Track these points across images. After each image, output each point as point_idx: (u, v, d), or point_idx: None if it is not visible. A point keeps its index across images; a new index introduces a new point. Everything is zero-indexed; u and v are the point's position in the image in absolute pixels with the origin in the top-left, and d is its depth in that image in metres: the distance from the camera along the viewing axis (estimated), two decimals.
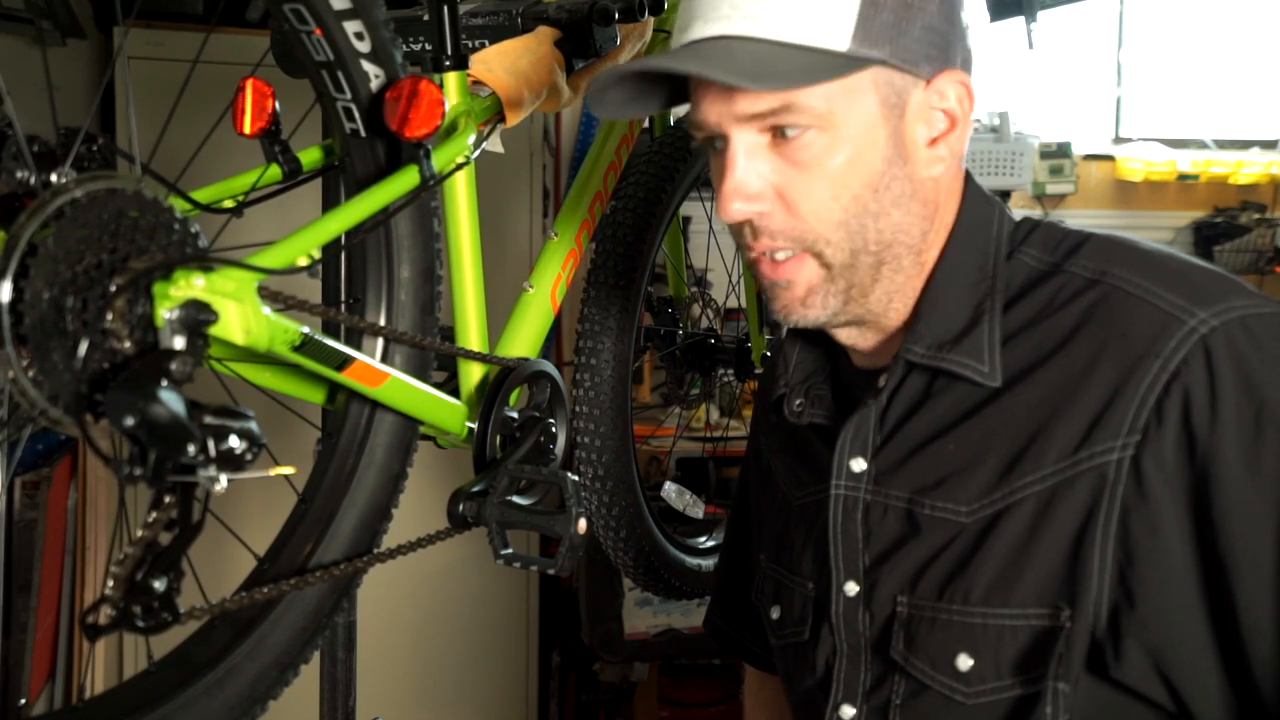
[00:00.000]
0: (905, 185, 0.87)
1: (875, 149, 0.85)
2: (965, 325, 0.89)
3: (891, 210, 0.87)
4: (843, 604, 0.93)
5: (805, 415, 0.99)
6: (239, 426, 0.69)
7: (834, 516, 0.93)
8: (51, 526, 2.24)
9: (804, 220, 0.86)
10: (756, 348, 1.71)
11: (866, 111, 0.84)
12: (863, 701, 0.92)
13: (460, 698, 2.65)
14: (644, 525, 1.40)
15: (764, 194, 0.86)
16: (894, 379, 0.91)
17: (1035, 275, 0.90)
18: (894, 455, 0.91)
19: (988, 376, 0.87)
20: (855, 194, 0.85)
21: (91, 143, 0.80)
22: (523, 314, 1.24)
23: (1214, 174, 3.32)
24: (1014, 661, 0.84)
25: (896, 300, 0.91)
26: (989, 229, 0.92)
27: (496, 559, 0.99)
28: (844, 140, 0.84)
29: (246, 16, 2.43)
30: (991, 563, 0.85)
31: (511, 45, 1.17)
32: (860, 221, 0.86)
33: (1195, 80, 3.42)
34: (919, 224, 0.89)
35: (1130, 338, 0.82)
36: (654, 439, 2.62)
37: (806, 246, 0.87)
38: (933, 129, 0.87)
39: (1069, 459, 0.83)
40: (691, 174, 1.43)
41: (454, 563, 2.54)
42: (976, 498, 0.86)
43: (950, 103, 0.87)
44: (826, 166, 0.84)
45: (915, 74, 0.85)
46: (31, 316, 0.67)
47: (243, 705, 0.91)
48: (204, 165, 1.02)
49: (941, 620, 0.87)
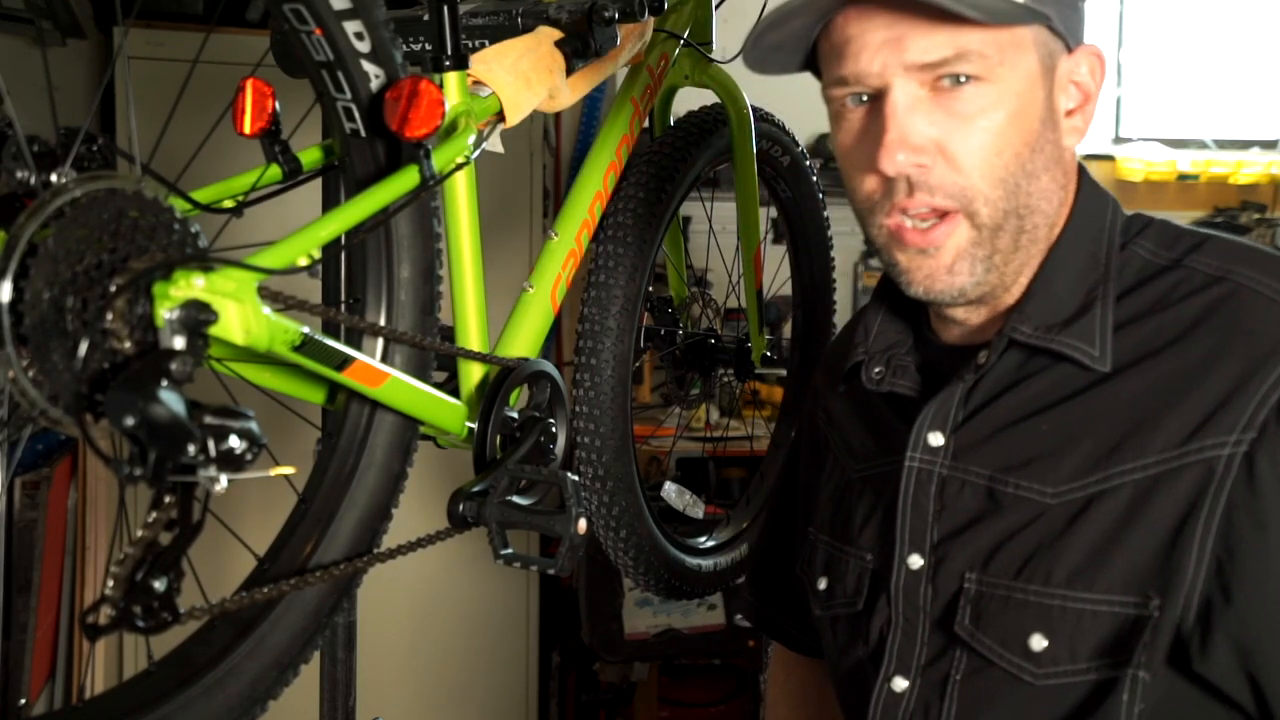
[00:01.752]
0: (1053, 150, 0.89)
1: (1034, 107, 0.87)
2: (1076, 310, 0.89)
3: (1042, 173, 0.88)
4: (904, 576, 0.93)
5: (885, 383, 0.98)
6: (239, 426, 0.69)
7: (905, 489, 0.93)
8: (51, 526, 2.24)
9: (966, 175, 0.86)
10: (756, 348, 1.71)
11: (1028, 69, 0.86)
12: (917, 675, 0.92)
13: (460, 698, 2.65)
14: (644, 525, 1.40)
15: (926, 146, 0.85)
16: (994, 356, 0.90)
17: (1151, 269, 0.90)
18: (977, 432, 0.91)
19: (1097, 360, 0.87)
20: (1016, 150, 0.86)
21: (91, 143, 0.80)
22: (523, 314, 1.24)
23: (1214, 174, 3.32)
24: (1094, 647, 0.84)
25: (1024, 275, 0.91)
26: (1102, 217, 0.93)
27: (496, 559, 0.99)
28: (1008, 94, 0.85)
29: (246, 16, 2.43)
30: (1078, 546, 0.85)
31: (511, 45, 1.17)
32: (1017, 181, 0.87)
33: (1195, 80, 3.42)
34: (1058, 193, 0.90)
35: (1257, 336, 0.82)
36: (654, 439, 2.62)
37: (965, 202, 0.86)
38: (1070, 99, 0.89)
39: (1176, 450, 0.82)
40: (692, 174, 1.43)
41: (454, 563, 2.54)
42: (1067, 480, 0.86)
43: (1083, 76, 0.89)
44: (991, 119, 0.85)
45: (1066, 41, 0.87)
46: (31, 316, 0.67)
47: (243, 705, 0.91)
48: (204, 165, 1.02)
49: (1016, 599, 0.86)
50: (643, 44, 1.36)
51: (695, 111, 1.52)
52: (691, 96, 1.56)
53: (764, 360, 1.72)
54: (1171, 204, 3.37)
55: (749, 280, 1.73)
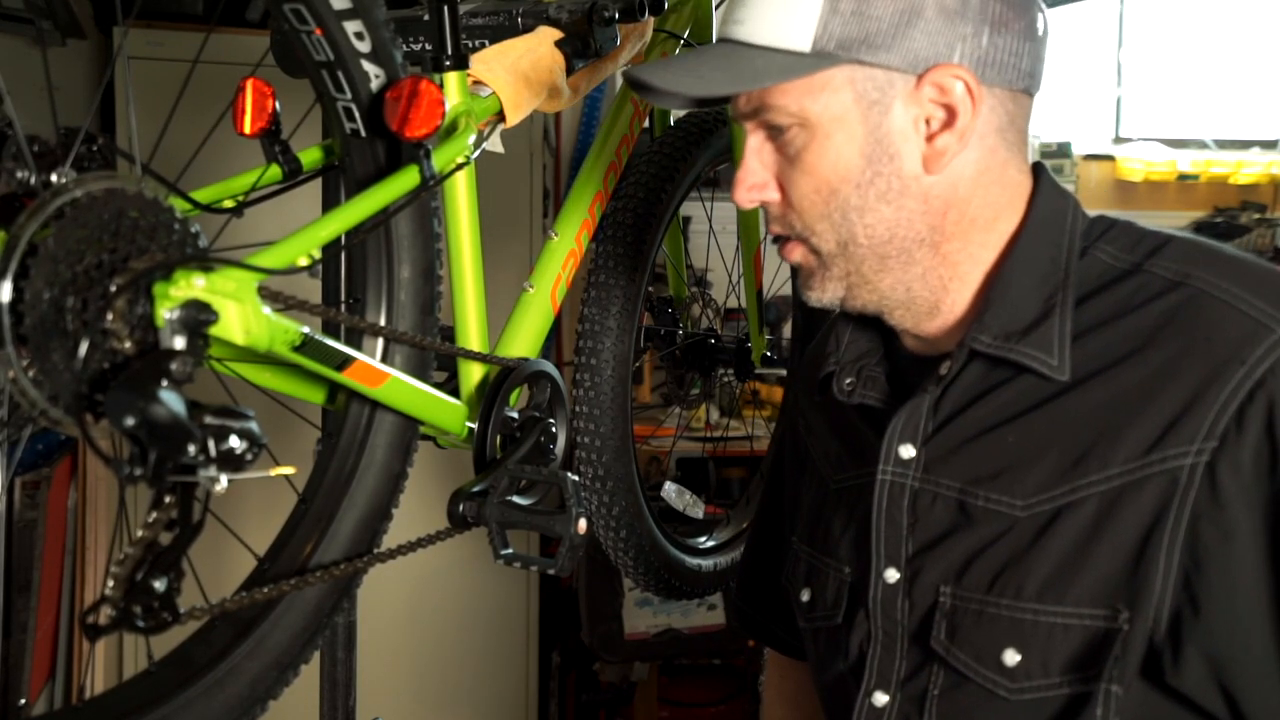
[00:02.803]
0: (893, 181, 0.88)
1: (852, 145, 0.87)
2: (1035, 317, 0.88)
3: (879, 206, 0.88)
4: (881, 590, 0.92)
5: (856, 395, 0.99)
6: (239, 426, 0.69)
7: (879, 502, 0.93)
8: (51, 526, 2.24)
9: (795, 209, 0.91)
10: (756, 348, 1.71)
11: (841, 109, 0.86)
12: (897, 689, 0.92)
13: (460, 698, 2.66)
14: (644, 525, 1.40)
15: (768, 184, 0.92)
16: (956, 366, 0.90)
17: (1112, 273, 0.89)
18: (947, 444, 0.90)
19: (1055, 370, 0.86)
20: (834, 189, 0.88)
21: (91, 143, 0.80)
22: (523, 314, 1.24)
23: (1214, 174, 3.32)
24: (1066, 661, 0.83)
25: (918, 288, 0.91)
26: (1062, 222, 0.92)
27: (496, 559, 0.99)
28: (821, 136, 0.87)
29: (246, 16, 2.43)
30: (1047, 559, 0.84)
31: (511, 45, 1.17)
32: (843, 215, 0.89)
33: (1195, 80, 3.42)
34: (922, 219, 0.89)
35: (1215, 343, 0.81)
36: (654, 439, 2.62)
37: (796, 234, 0.92)
38: (929, 125, 0.87)
39: (1139, 460, 0.82)
40: (691, 174, 1.43)
41: (454, 563, 2.54)
42: (1034, 492, 0.85)
43: (951, 97, 0.86)
44: (807, 161, 0.89)
45: (900, 70, 0.85)
46: (32, 316, 0.67)
47: (243, 705, 0.91)
48: (204, 165, 1.02)
49: (989, 614, 0.86)
50: (643, 44, 1.36)
51: (695, 111, 1.52)
52: None
53: (764, 360, 1.72)
54: (1171, 204, 3.37)
55: (749, 280, 1.73)
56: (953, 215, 0.90)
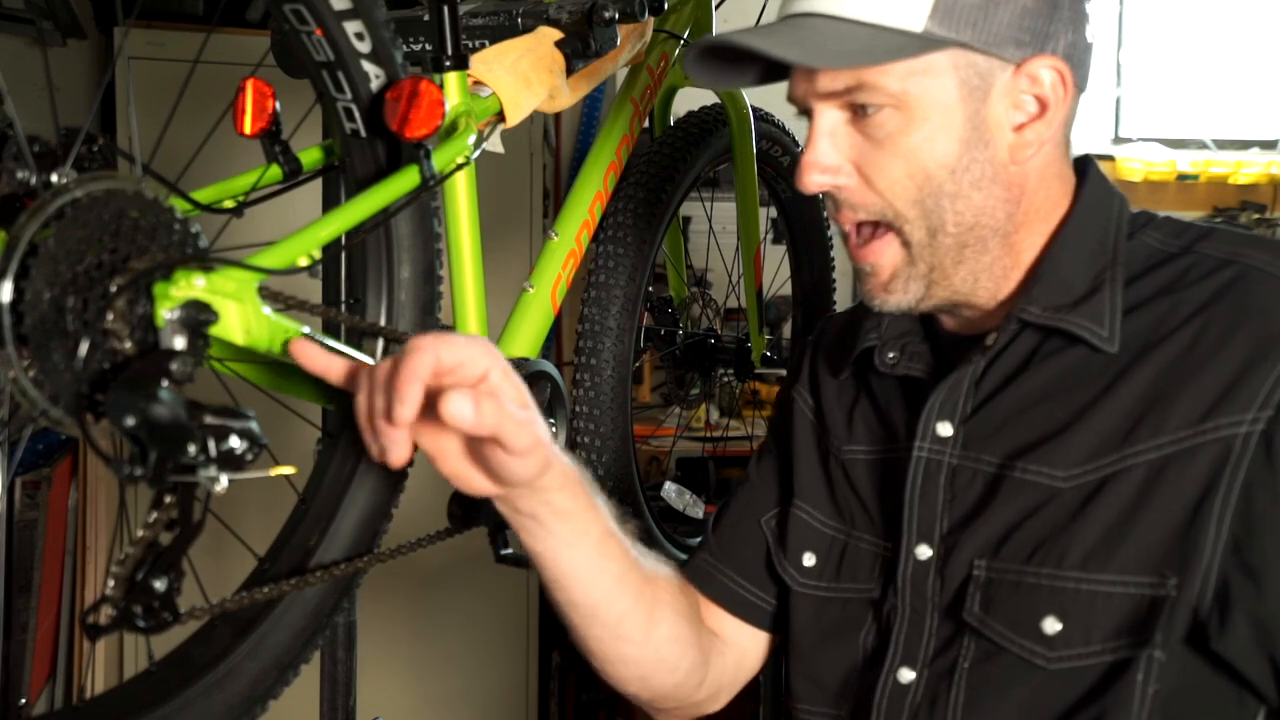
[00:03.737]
0: (986, 168, 0.88)
1: (951, 130, 0.87)
2: (1085, 291, 0.89)
3: (971, 193, 0.88)
4: (912, 567, 0.92)
5: (900, 367, 0.99)
6: (239, 426, 0.69)
7: (913, 479, 0.93)
8: (51, 526, 2.24)
9: (880, 196, 0.89)
10: (756, 348, 1.71)
11: (943, 93, 0.86)
12: (924, 665, 0.91)
13: (460, 698, 2.66)
14: (644, 525, 1.40)
15: (841, 168, 0.89)
16: (1004, 338, 0.91)
17: (1160, 256, 0.91)
18: (988, 420, 0.91)
19: (1106, 341, 0.87)
20: (930, 174, 0.87)
21: (92, 143, 0.80)
22: (523, 314, 1.24)
23: (1214, 174, 3.32)
24: (1109, 628, 0.84)
25: (984, 279, 0.92)
26: (1108, 210, 0.94)
27: (497, 559, 0.99)
28: (919, 120, 0.86)
29: (246, 16, 2.43)
30: (1092, 528, 0.85)
31: (511, 45, 1.17)
32: (936, 201, 0.88)
33: (1195, 80, 3.42)
34: (1003, 207, 0.90)
35: (1270, 315, 0.83)
36: (654, 439, 2.62)
37: (886, 220, 0.89)
38: (1021, 114, 0.88)
39: (1191, 429, 0.83)
40: (692, 174, 1.43)
41: (454, 563, 2.54)
42: (1079, 463, 0.86)
43: (1043, 88, 0.87)
44: (900, 145, 0.87)
45: (1002, 58, 0.86)
46: (32, 316, 0.67)
47: (243, 705, 0.91)
48: (204, 165, 1.01)
49: (1028, 584, 0.86)
50: (643, 44, 1.36)
51: (695, 111, 1.52)
52: (691, 96, 1.56)
53: (764, 360, 1.73)
54: (1171, 204, 3.37)
55: (749, 280, 1.73)
56: (1025, 205, 0.91)
